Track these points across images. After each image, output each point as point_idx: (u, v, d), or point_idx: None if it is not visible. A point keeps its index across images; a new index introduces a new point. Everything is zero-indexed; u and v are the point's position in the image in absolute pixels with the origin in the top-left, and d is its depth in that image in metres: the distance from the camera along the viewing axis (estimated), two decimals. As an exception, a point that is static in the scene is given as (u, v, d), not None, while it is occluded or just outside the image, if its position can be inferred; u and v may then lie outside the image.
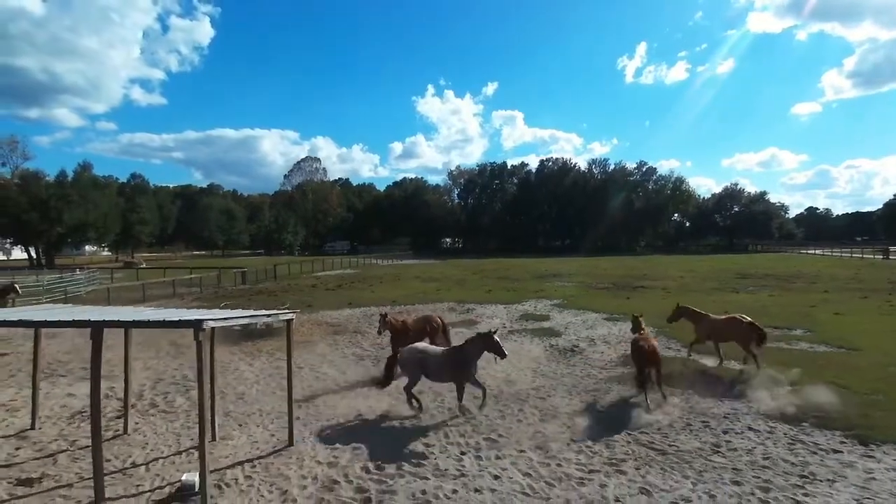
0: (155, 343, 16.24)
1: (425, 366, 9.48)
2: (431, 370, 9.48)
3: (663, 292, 27.86)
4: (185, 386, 11.71)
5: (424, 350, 9.81)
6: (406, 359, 9.77)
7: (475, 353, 9.12)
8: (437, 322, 12.95)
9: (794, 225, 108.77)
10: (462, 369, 9.15)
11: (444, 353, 9.57)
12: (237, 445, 8.24)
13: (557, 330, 17.61)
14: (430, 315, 13.60)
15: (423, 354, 9.64)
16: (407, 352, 9.88)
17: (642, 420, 9.01)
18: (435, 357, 9.51)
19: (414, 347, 9.96)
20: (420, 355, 9.64)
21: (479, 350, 9.02)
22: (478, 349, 9.05)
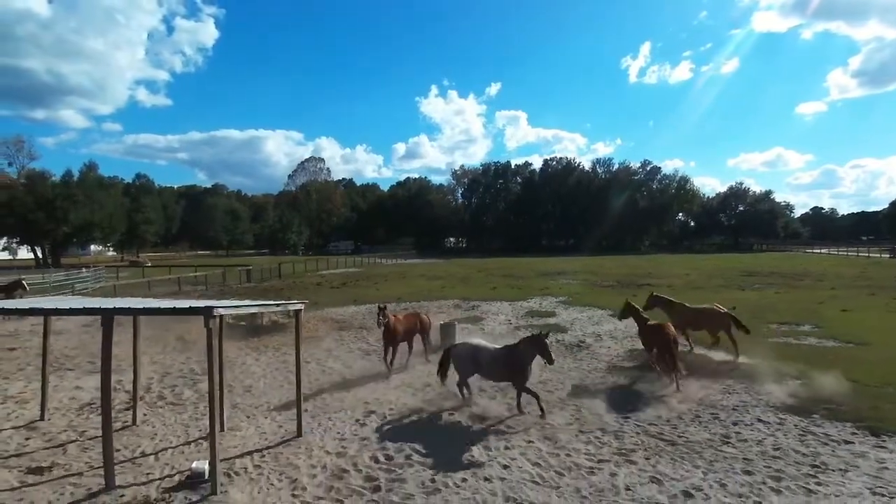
0: (162, 338, 16.29)
1: (478, 362, 9.20)
2: (484, 367, 9.21)
3: (668, 290, 27.69)
4: (192, 379, 11.75)
5: (478, 346, 9.49)
6: (459, 354, 9.52)
7: (529, 355, 8.70)
8: (425, 319, 12.92)
9: (800, 224, 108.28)
10: (517, 370, 8.73)
11: (499, 351, 9.21)
12: (246, 436, 8.25)
13: (563, 326, 17.58)
14: (419, 312, 13.60)
15: (477, 351, 9.34)
16: (461, 347, 9.67)
17: (650, 412, 8.99)
18: (489, 354, 9.20)
19: (468, 343, 9.73)
20: (473, 351, 9.36)
21: (532, 352, 8.59)
22: (531, 351, 8.64)
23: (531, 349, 8.61)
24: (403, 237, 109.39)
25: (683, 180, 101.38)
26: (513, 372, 8.79)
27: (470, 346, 9.59)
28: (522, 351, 8.75)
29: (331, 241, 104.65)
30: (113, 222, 58.52)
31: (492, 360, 9.05)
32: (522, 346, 8.82)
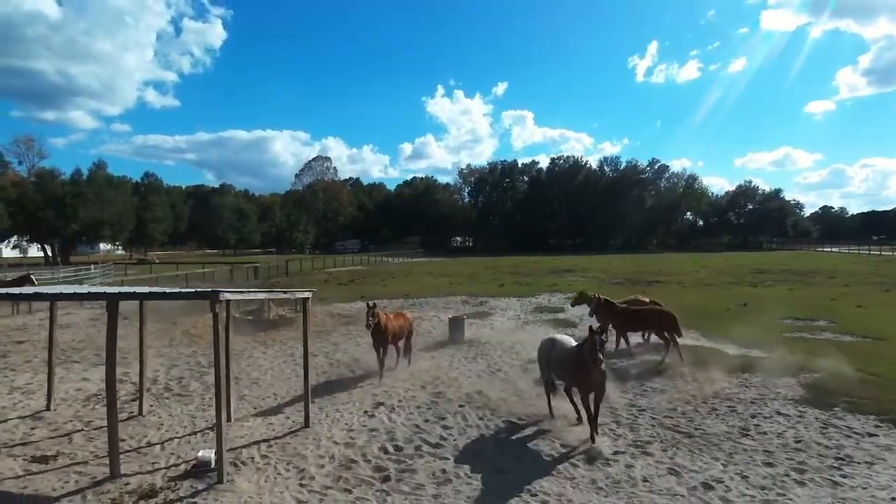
0: (168, 332, 16.26)
1: (551, 362, 8.03)
2: (555, 368, 8.01)
3: (679, 286, 27.46)
4: (198, 371, 11.65)
5: (554, 341, 8.22)
6: (539, 350, 8.58)
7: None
8: (410, 319, 12.02)
9: (810, 223, 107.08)
10: (583, 372, 6.99)
11: (572, 350, 7.56)
12: (252, 427, 8.12)
13: (573, 321, 17.37)
14: (403, 311, 12.75)
15: (553, 346, 8.07)
16: (543, 341, 8.63)
17: (665, 404, 8.79)
18: (561, 351, 7.79)
19: (548, 338, 8.63)
20: (549, 347, 8.17)
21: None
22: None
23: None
24: (410, 236, 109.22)
25: (692, 179, 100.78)
26: (577, 375, 7.19)
27: (548, 340, 8.47)
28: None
29: (337, 240, 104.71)
30: (122, 220, 58.81)
31: (560, 360, 7.72)
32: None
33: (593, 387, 7.12)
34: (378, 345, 10.77)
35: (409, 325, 11.67)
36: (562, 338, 8.39)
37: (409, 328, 11.67)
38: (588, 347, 6.83)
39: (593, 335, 6.76)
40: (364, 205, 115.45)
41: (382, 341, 10.74)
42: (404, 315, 11.90)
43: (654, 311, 12.49)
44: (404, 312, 12.30)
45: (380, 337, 10.69)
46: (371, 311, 10.38)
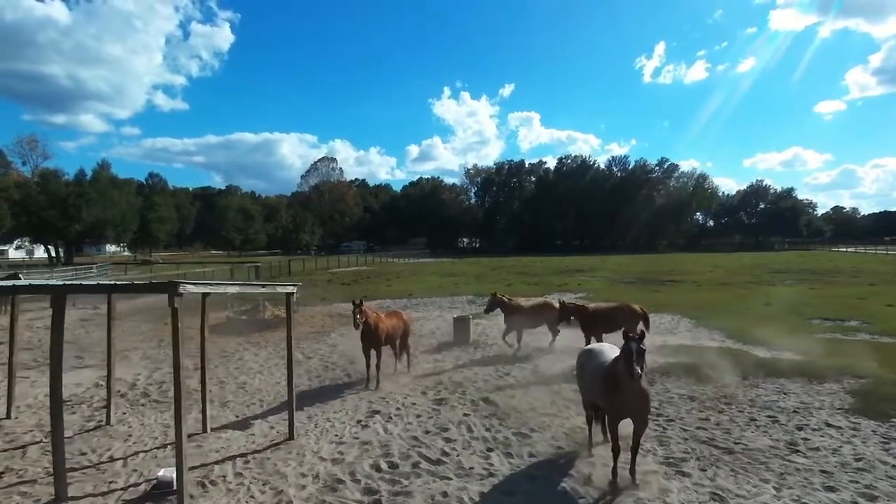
0: (158, 332, 15.43)
1: (584, 377, 6.38)
2: (587, 385, 6.35)
3: (694, 286, 26.36)
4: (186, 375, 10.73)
5: (591, 353, 6.51)
6: (576, 364, 6.83)
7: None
8: (406, 319, 10.88)
9: (824, 222, 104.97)
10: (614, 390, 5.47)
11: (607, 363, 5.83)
12: (231, 438, 7.22)
13: (586, 321, 16.34)
14: (399, 311, 11.37)
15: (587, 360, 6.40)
16: (578, 355, 6.88)
17: (696, 414, 7.80)
18: (596, 363, 6.07)
19: (586, 349, 6.97)
20: (584, 359, 6.52)
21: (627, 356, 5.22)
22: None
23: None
24: (416, 237, 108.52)
25: (702, 178, 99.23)
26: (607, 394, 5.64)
27: (585, 351, 6.73)
28: None
29: (343, 241, 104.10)
30: (125, 220, 58.33)
31: (594, 374, 6.00)
32: None
33: (626, 411, 5.49)
34: (368, 347, 9.73)
35: (403, 325, 10.60)
36: (602, 348, 6.52)
37: (404, 328, 10.60)
38: (622, 358, 5.28)
39: (629, 342, 5.20)
40: (370, 206, 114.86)
41: (373, 343, 9.69)
42: (398, 314, 10.82)
43: (625, 310, 11.38)
44: (398, 311, 11.21)
45: (370, 338, 9.65)
46: (357, 309, 9.35)
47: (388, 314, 10.61)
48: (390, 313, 10.76)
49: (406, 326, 10.68)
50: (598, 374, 5.89)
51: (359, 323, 9.37)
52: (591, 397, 6.42)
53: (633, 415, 5.59)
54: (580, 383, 6.75)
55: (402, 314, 10.92)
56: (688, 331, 14.61)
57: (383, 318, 10.16)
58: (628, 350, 5.23)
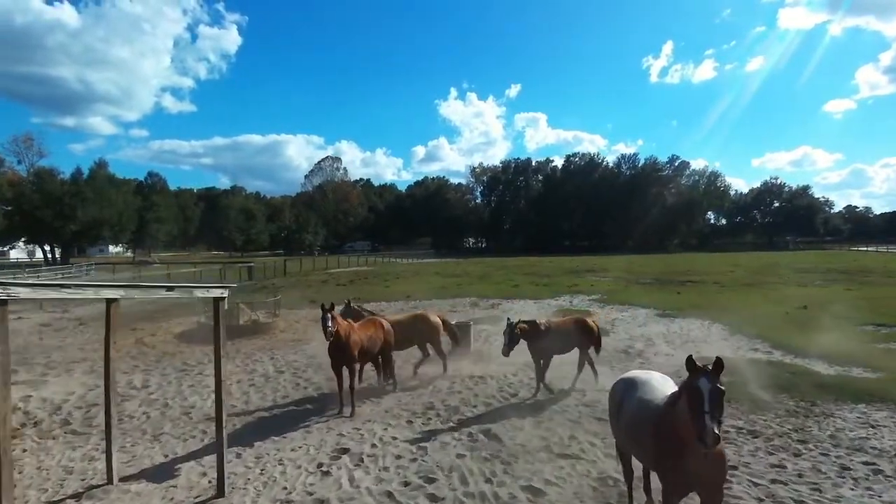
0: (121, 341, 13.66)
1: (622, 418, 4.38)
2: (625, 431, 4.35)
3: (717, 287, 24.33)
4: (125, 396, 8.96)
5: (633, 383, 4.41)
6: (610, 396, 4.77)
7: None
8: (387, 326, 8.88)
9: (841, 221, 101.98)
10: (671, 449, 3.59)
11: (657, 404, 3.91)
12: (141, 493, 5.38)
13: (603, 328, 14.35)
14: (377, 317, 9.44)
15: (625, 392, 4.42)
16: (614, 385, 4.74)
17: (763, 458, 5.89)
18: (641, 402, 4.13)
19: (625, 377, 4.67)
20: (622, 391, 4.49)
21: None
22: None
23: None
24: (421, 237, 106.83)
25: (713, 176, 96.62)
26: (658, 451, 3.78)
27: (625, 381, 4.61)
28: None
29: (347, 241, 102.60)
30: (122, 220, 57.00)
31: (633, 414, 4.18)
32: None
33: (691, 482, 3.63)
34: (339, 365, 7.88)
35: (385, 336, 8.73)
36: (647, 378, 4.42)
37: (385, 340, 8.73)
38: (687, 404, 3.30)
39: (697, 376, 3.28)
40: (375, 206, 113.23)
41: (345, 359, 7.87)
42: (376, 322, 8.85)
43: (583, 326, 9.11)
44: (376, 318, 9.23)
45: (341, 354, 7.81)
46: (326, 317, 7.46)
47: (363, 323, 8.71)
48: (367, 322, 8.85)
49: (387, 337, 8.80)
50: (646, 421, 3.90)
51: (331, 333, 7.52)
52: (633, 453, 4.45)
53: (702, 487, 3.65)
54: (615, 429, 4.68)
55: (383, 321, 9.01)
56: (723, 339, 12.66)
57: (357, 328, 8.27)
58: (695, 391, 3.21)
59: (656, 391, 4.11)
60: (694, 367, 3.34)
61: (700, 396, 3.19)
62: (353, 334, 8.04)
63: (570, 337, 8.86)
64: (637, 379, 4.48)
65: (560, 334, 8.73)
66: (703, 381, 3.23)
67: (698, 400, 3.20)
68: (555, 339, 8.60)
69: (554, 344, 8.65)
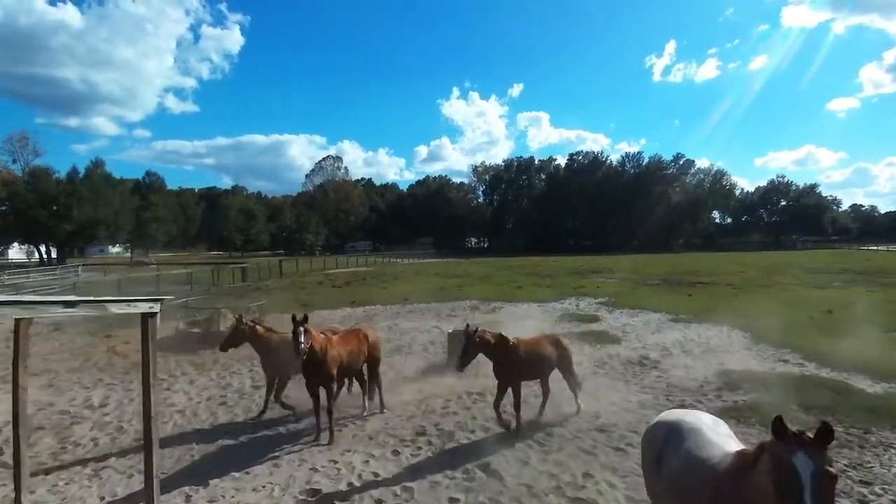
0: (92, 350, 12.68)
1: (661, 476, 3.30)
2: (667, 495, 3.29)
3: (729, 289, 23.20)
4: (76, 417, 7.93)
5: (678, 429, 3.34)
6: (643, 441, 3.75)
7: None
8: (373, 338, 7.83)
9: (850, 220, 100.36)
10: None
11: (714, 466, 2.86)
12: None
13: (614, 334, 13.35)
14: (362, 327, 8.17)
15: (667, 440, 3.36)
16: (650, 428, 3.74)
17: None
18: (689, 461, 3.06)
19: (666, 419, 3.64)
20: (662, 438, 3.41)
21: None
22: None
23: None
24: (423, 237, 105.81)
25: (719, 174, 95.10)
26: None
27: (665, 423, 3.56)
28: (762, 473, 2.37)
29: (348, 241, 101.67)
30: (119, 220, 56.10)
31: (679, 476, 3.11)
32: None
33: None
34: (315, 385, 6.82)
35: (368, 349, 7.63)
36: (696, 423, 3.32)
37: (368, 354, 7.63)
38: (773, 486, 2.18)
39: (791, 446, 2.19)
40: (376, 205, 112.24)
41: (321, 378, 6.78)
42: (358, 333, 7.69)
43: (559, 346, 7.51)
44: (361, 328, 8.03)
45: (316, 372, 6.72)
46: (299, 331, 6.36)
47: (344, 335, 7.58)
48: (348, 333, 7.72)
49: (373, 350, 7.74)
50: (699, 489, 2.83)
51: (304, 350, 6.45)
52: None
53: None
54: (652, 487, 3.54)
55: (368, 332, 7.91)
56: (746, 349, 11.55)
57: (336, 341, 7.20)
58: (789, 472, 2.13)
59: (712, 446, 3.05)
60: (785, 432, 2.26)
61: (797, 482, 2.12)
62: (331, 349, 6.97)
63: (546, 358, 7.24)
64: (683, 424, 3.38)
65: (534, 355, 7.08)
66: (803, 460, 2.14)
67: (794, 487, 2.12)
68: (527, 361, 6.99)
69: (526, 367, 6.99)
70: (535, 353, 7.15)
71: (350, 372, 7.45)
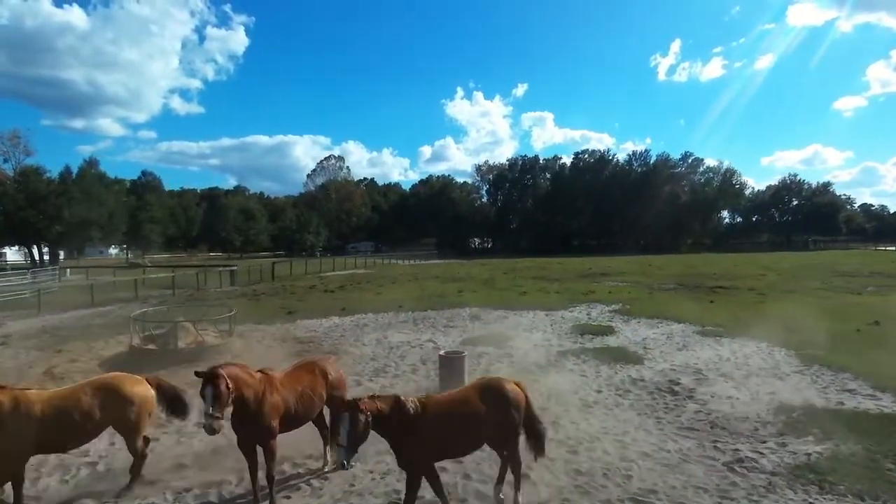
0: (37, 366, 10.95)
1: None
2: None
3: (754, 294, 21.29)
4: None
5: None
6: None
7: None
8: (333, 375, 5.93)
9: (865, 219, 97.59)
10: None
11: None
12: None
13: (634, 351, 11.54)
14: (317, 361, 6.17)
15: None
16: None
17: None
18: None
19: None
20: None
21: None
22: None
23: None
24: (426, 237, 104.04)
25: (729, 173, 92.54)
26: None
27: None
28: None
29: (350, 242, 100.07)
30: (113, 221, 54.62)
31: None
32: None
33: None
34: (251, 444, 5.08)
35: (328, 390, 5.80)
36: None
37: (326, 394, 5.80)
38: None
39: None
40: (378, 205, 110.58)
41: (258, 435, 5.05)
42: (314, 370, 5.82)
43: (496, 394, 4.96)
44: (319, 363, 6.04)
45: (250, 428, 5.01)
46: (206, 391, 4.55)
47: (292, 372, 5.77)
48: (299, 369, 5.86)
49: (335, 390, 5.94)
50: None
51: (214, 425, 4.55)
52: None
53: None
54: None
55: (327, 367, 6.01)
56: (797, 372, 9.70)
57: (281, 382, 5.40)
58: None
59: None
60: None
61: None
62: (271, 394, 5.19)
63: (476, 422, 4.74)
64: None
65: (454, 418, 4.65)
66: None
67: None
68: (444, 431, 4.56)
69: (441, 440, 4.59)
70: (458, 417, 4.69)
71: (302, 421, 5.66)
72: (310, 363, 6.06)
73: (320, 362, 6.09)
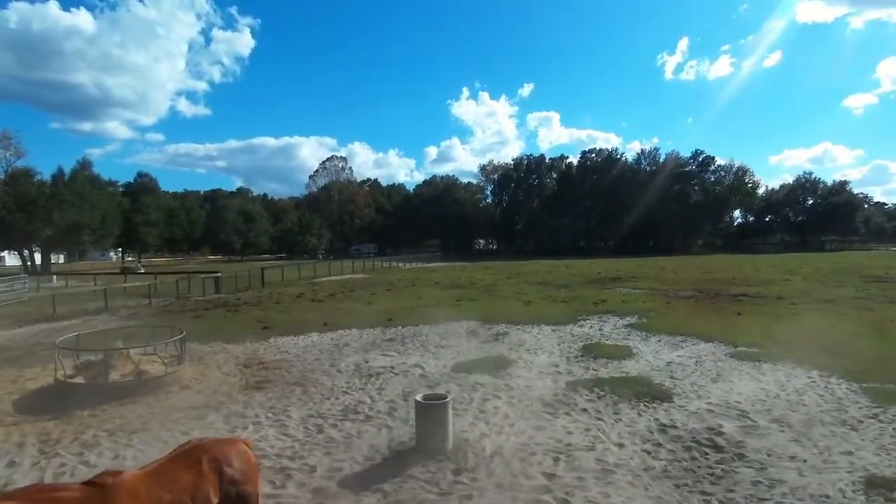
0: None
1: None
2: None
3: (785, 305, 19.20)
4: None
5: None
6: None
7: None
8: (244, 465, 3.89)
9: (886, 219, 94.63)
10: None
11: None
12: None
13: (659, 383, 9.52)
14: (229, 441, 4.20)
15: None
16: None
17: None
18: None
19: None
20: None
21: None
22: None
23: None
24: (430, 239, 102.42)
25: (741, 171, 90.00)
26: None
27: None
28: None
29: (353, 244, 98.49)
30: (106, 223, 53.24)
31: None
32: None
33: None
34: None
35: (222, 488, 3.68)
36: None
37: (223, 495, 3.69)
38: None
39: None
40: (382, 206, 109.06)
41: None
42: (204, 458, 3.73)
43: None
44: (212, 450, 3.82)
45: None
46: None
47: (165, 465, 3.64)
48: (174, 461, 3.70)
49: (235, 485, 3.88)
50: None
51: None
52: None
53: None
54: None
55: (229, 454, 3.87)
56: (870, 417, 7.66)
57: (142, 482, 3.45)
58: None
59: None
60: None
61: None
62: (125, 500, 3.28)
63: None
64: None
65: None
66: None
67: None
68: None
69: None
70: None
71: None
72: (195, 450, 3.98)
73: (214, 450, 3.93)
